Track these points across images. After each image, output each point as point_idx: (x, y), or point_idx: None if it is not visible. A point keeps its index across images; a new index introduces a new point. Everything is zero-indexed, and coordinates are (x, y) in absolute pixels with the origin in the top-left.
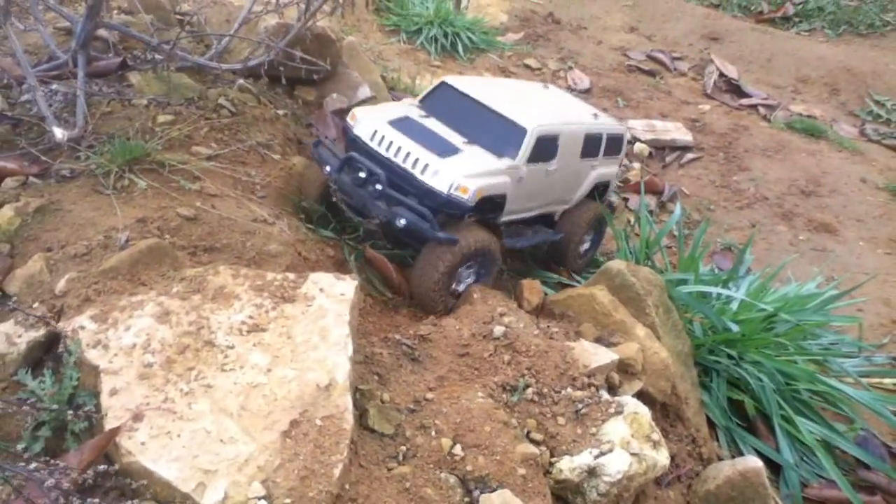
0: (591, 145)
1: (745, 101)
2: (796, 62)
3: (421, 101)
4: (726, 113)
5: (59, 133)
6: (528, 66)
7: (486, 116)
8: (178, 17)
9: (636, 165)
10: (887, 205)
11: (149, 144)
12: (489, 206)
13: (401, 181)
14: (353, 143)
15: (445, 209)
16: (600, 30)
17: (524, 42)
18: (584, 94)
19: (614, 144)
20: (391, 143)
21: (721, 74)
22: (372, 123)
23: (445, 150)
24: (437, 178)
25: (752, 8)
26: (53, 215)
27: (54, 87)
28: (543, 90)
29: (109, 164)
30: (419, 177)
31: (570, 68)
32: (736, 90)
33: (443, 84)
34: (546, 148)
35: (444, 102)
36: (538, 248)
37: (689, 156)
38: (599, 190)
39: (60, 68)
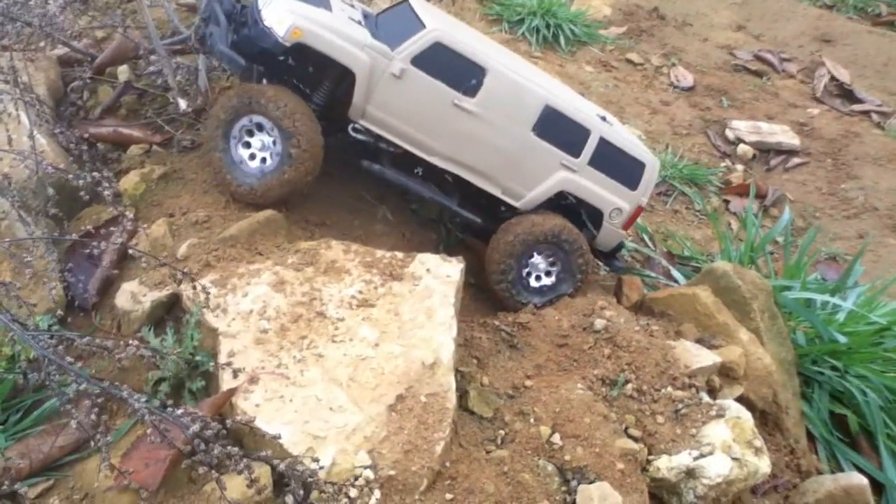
0: (560, 130)
1: (857, 107)
2: None
3: (379, 12)
4: (836, 118)
5: (182, 104)
6: (630, 61)
7: (408, 19)
8: None
9: (739, 167)
10: None
11: None
12: (328, 78)
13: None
14: None
15: (259, 42)
16: (706, 27)
17: (627, 36)
18: (687, 91)
19: (622, 165)
20: None
21: (832, 78)
22: None
23: (316, 2)
24: (269, 8)
25: (870, 10)
26: (176, 183)
27: (177, 60)
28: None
29: None
30: (259, 6)
31: (674, 65)
32: (848, 95)
33: (404, 2)
34: (455, 69)
35: (392, 13)
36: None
37: (795, 160)
38: (580, 213)
39: (183, 43)
